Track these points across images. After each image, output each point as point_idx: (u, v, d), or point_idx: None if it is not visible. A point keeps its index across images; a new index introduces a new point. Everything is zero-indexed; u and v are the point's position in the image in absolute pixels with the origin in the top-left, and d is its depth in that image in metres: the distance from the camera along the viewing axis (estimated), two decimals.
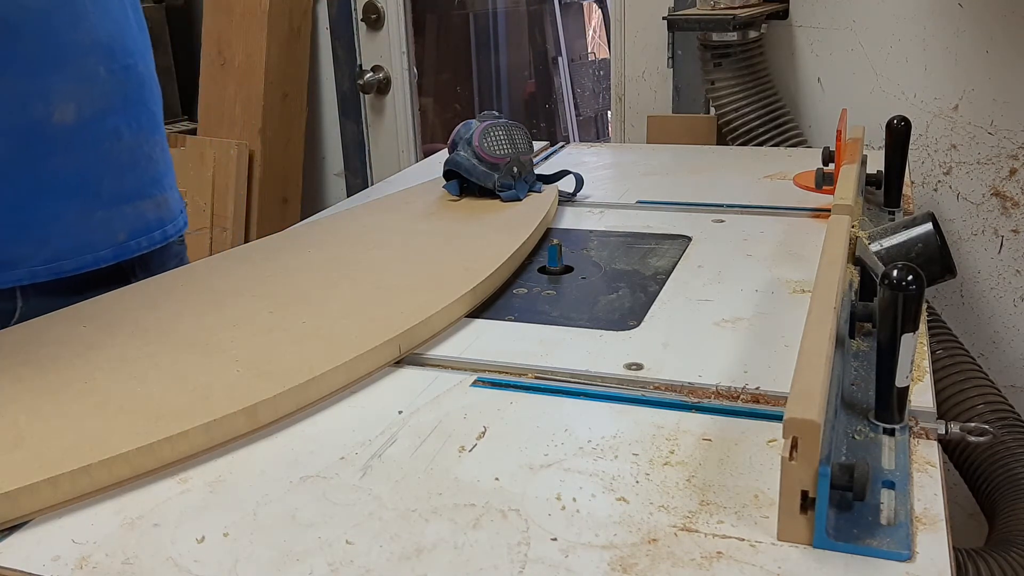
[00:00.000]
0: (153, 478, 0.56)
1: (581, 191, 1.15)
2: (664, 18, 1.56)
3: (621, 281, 0.87)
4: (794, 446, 0.46)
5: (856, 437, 0.56)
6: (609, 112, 3.38)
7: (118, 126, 0.87)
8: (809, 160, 1.27)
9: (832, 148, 1.05)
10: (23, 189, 0.81)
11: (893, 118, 0.98)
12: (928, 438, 0.58)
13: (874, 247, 0.76)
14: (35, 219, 0.82)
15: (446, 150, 1.15)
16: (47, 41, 0.80)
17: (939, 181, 1.56)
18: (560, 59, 3.48)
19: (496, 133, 1.07)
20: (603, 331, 0.76)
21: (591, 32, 3.74)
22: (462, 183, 1.09)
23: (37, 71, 0.80)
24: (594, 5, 3.71)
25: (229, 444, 0.60)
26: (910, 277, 0.53)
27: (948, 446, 1.22)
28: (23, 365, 0.68)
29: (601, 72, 3.58)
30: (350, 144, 2.13)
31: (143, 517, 0.53)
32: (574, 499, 0.53)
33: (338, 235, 0.98)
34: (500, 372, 0.70)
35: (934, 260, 0.75)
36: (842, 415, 0.58)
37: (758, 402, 0.63)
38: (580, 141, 3.46)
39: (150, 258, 0.93)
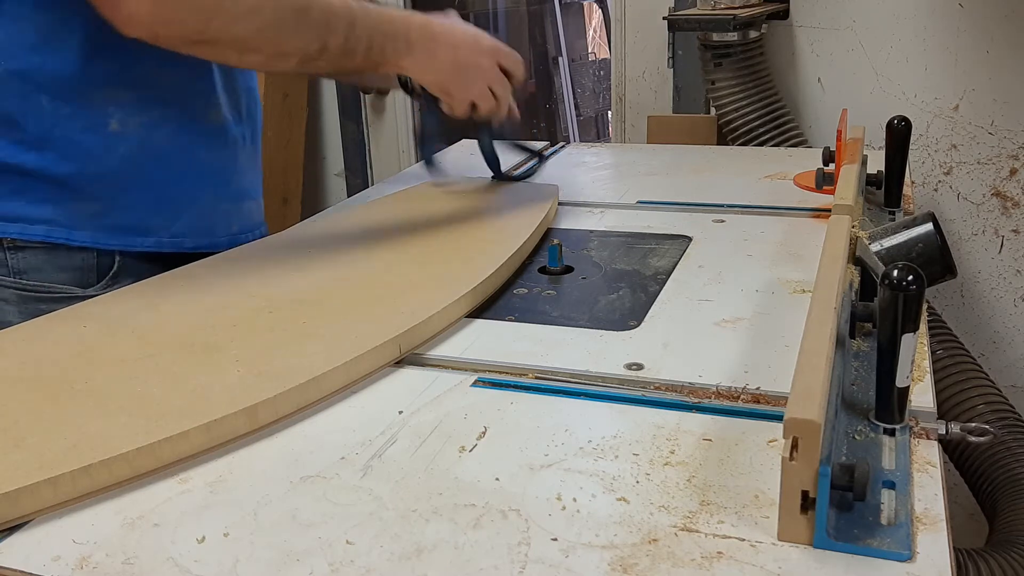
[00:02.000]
0: (153, 478, 0.56)
1: (581, 191, 1.15)
2: (664, 18, 1.56)
3: (621, 281, 0.87)
4: (794, 446, 0.46)
5: (856, 437, 0.56)
6: (609, 112, 3.38)
7: (244, 133, 1.00)
8: (809, 160, 1.27)
9: (832, 148, 1.05)
10: (171, 170, 0.92)
11: (893, 118, 0.98)
12: (928, 438, 0.57)
13: (874, 247, 0.76)
14: (174, 198, 0.93)
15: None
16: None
17: (939, 181, 1.56)
18: (560, 59, 3.48)
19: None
20: (603, 331, 0.76)
21: (591, 32, 3.74)
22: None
23: (202, 74, 0.93)
24: (594, 5, 3.71)
25: (229, 444, 0.60)
26: (910, 277, 0.53)
27: (948, 446, 1.22)
28: (23, 365, 0.68)
29: (601, 72, 3.58)
30: (350, 144, 2.13)
31: (143, 517, 0.53)
32: (574, 499, 0.53)
33: (338, 235, 0.98)
34: (500, 372, 0.70)
35: (934, 260, 0.75)
36: (842, 415, 0.58)
37: (758, 402, 0.63)
38: (580, 141, 3.46)
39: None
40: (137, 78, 0.87)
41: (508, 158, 1.37)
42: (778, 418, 0.51)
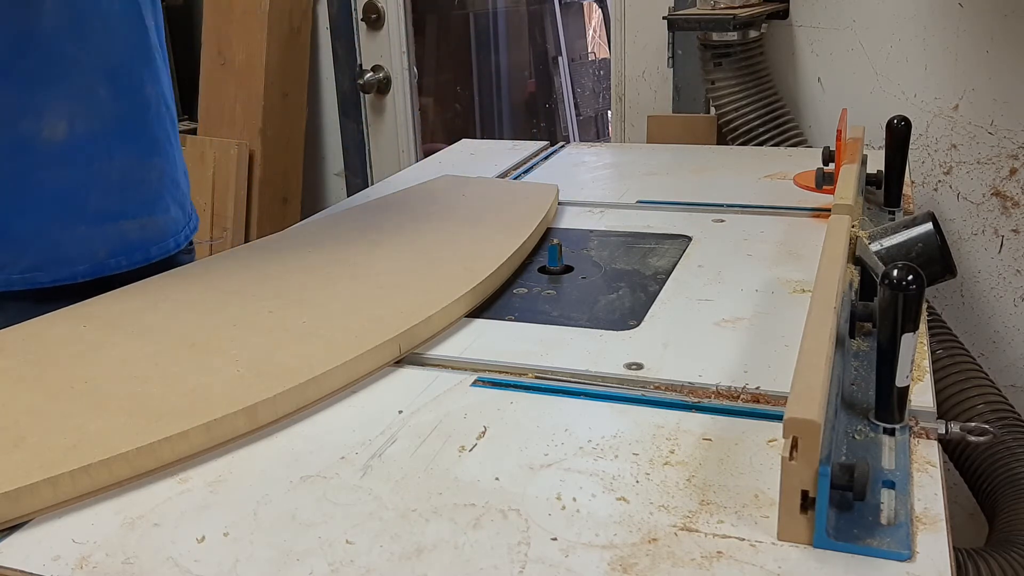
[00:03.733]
0: (153, 478, 0.56)
1: (581, 191, 1.15)
2: (664, 18, 1.56)
3: (621, 281, 0.87)
4: (794, 446, 0.46)
5: (856, 437, 0.56)
6: (609, 112, 3.38)
7: (111, 147, 0.87)
8: (809, 160, 1.27)
9: (832, 148, 1.05)
10: (5, 200, 0.82)
11: (893, 118, 0.98)
12: (928, 438, 0.58)
13: (874, 247, 0.76)
14: (15, 230, 0.83)
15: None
16: (47, 58, 0.81)
17: (939, 181, 1.56)
18: (560, 59, 3.48)
19: None
20: (603, 331, 0.76)
21: (591, 32, 3.74)
22: None
23: (32, 86, 0.80)
24: (594, 5, 3.71)
25: (229, 444, 0.60)
26: (910, 277, 0.53)
27: (948, 446, 1.22)
28: (23, 365, 0.68)
29: (601, 72, 3.58)
30: (350, 144, 2.13)
31: (143, 517, 0.53)
32: (574, 499, 0.53)
33: (338, 235, 0.98)
34: (500, 372, 0.70)
35: (934, 260, 0.75)
36: (842, 415, 0.58)
37: (758, 402, 0.63)
38: (580, 141, 3.46)
39: (129, 278, 0.92)
40: None
41: (507, 158, 1.38)
42: (778, 418, 0.51)
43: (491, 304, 0.83)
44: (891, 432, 0.57)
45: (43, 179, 0.83)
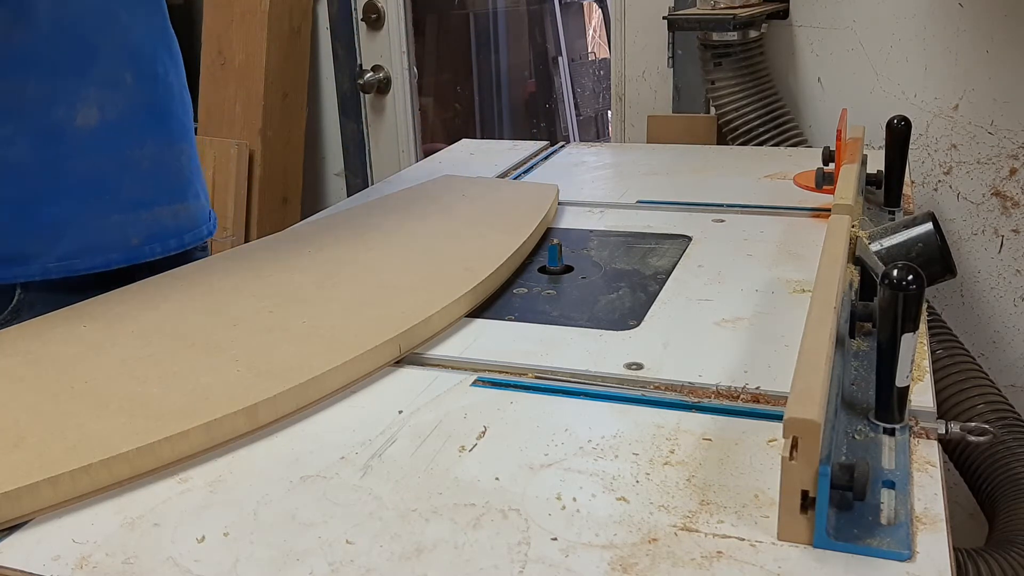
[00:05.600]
0: (153, 478, 0.56)
1: (581, 191, 1.15)
2: (664, 18, 1.56)
3: (621, 281, 0.87)
4: (794, 446, 0.46)
5: (856, 437, 0.56)
6: (609, 112, 3.38)
7: (142, 133, 0.88)
8: (809, 160, 1.27)
9: (832, 148, 1.05)
10: (41, 188, 0.82)
11: (893, 118, 0.98)
12: (928, 438, 0.58)
13: (874, 247, 0.76)
14: (50, 218, 0.83)
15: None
16: (76, 44, 0.82)
17: (939, 181, 1.56)
18: (560, 59, 3.48)
19: None
20: (603, 331, 0.76)
21: (591, 32, 3.74)
22: None
23: (64, 73, 0.81)
24: (594, 5, 3.71)
25: (229, 444, 0.60)
26: (910, 277, 0.53)
27: (948, 446, 1.22)
28: (23, 365, 0.68)
29: (601, 72, 3.58)
30: (350, 144, 2.13)
31: (143, 517, 0.53)
32: (574, 499, 0.53)
33: (338, 235, 0.98)
34: (500, 372, 0.70)
35: (934, 260, 0.75)
36: (842, 415, 0.58)
37: (758, 402, 0.63)
38: (580, 141, 3.46)
39: (162, 265, 0.93)
40: None
41: (507, 158, 1.38)
42: (778, 418, 0.51)
43: (491, 304, 0.83)
44: (891, 432, 0.57)
45: (77, 167, 0.84)
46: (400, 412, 0.63)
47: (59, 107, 0.82)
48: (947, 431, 0.58)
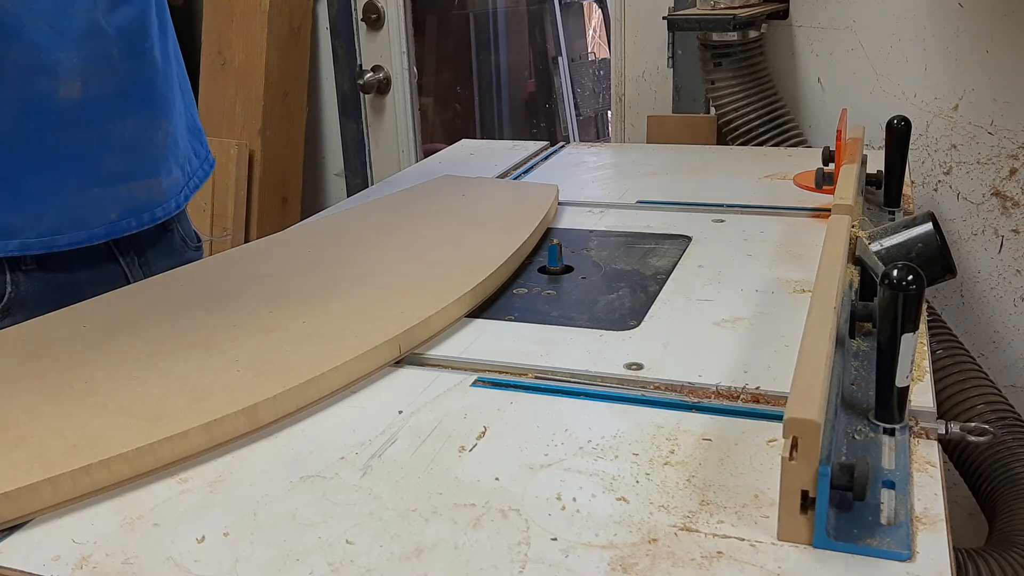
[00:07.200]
0: (153, 478, 0.56)
1: (581, 191, 1.15)
2: (664, 18, 1.56)
3: (621, 281, 0.87)
4: (794, 446, 0.46)
5: (856, 437, 0.56)
6: (609, 112, 3.38)
7: (124, 108, 0.88)
8: (809, 160, 1.27)
9: (832, 148, 1.05)
10: (23, 161, 0.82)
11: (893, 118, 0.98)
12: (928, 438, 0.58)
13: (874, 247, 0.76)
14: (32, 191, 0.83)
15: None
16: (61, 17, 0.81)
17: (939, 181, 1.56)
18: (560, 59, 3.48)
19: None
20: (603, 331, 0.76)
21: (591, 32, 3.74)
22: None
23: (48, 46, 0.81)
24: (594, 5, 3.71)
25: (229, 444, 0.60)
26: (910, 277, 0.53)
27: (948, 446, 1.22)
28: (23, 365, 0.68)
29: (601, 72, 3.58)
30: (350, 144, 2.13)
31: (143, 517, 0.53)
32: (574, 499, 0.53)
33: (338, 235, 0.98)
34: (500, 372, 0.70)
35: (934, 260, 0.75)
36: (842, 415, 0.58)
37: (758, 402, 0.63)
38: (580, 141, 3.46)
39: (140, 239, 0.95)
40: None
41: (507, 158, 1.38)
42: (778, 418, 0.51)
43: (491, 304, 0.83)
44: (891, 432, 0.57)
45: (59, 140, 0.84)
46: (400, 412, 0.63)
47: (42, 79, 0.81)
48: (947, 431, 0.58)
